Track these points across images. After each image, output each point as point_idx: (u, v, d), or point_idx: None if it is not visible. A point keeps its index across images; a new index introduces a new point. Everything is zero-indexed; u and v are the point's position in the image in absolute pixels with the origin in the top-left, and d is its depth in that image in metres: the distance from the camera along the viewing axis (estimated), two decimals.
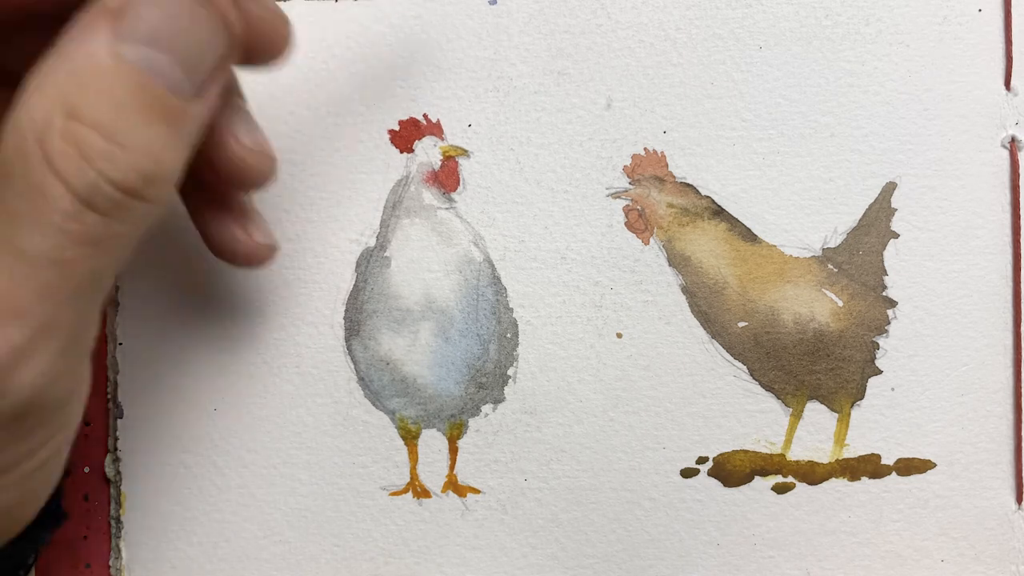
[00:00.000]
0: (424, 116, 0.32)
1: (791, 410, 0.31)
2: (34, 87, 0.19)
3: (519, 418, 0.31)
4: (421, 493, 0.32)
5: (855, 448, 0.31)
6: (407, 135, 0.32)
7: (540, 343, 0.31)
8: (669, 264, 0.31)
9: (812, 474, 0.31)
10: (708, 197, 0.31)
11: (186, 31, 0.20)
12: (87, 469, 0.32)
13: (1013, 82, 0.31)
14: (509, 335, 0.31)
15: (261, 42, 0.24)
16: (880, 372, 0.31)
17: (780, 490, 0.31)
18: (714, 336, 0.31)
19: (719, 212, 0.31)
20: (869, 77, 0.31)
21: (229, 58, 0.22)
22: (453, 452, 0.32)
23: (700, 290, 0.31)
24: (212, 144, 0.24)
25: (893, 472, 0.31)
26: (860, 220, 0.31)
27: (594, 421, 0.31)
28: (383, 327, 0.31)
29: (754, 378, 0.31)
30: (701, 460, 0.31)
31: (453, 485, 0.32)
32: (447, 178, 0.32)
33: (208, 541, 0.32)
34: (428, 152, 0.32)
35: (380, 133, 0.32)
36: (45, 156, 0.19)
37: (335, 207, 0.32)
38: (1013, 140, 0.31)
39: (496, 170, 0.32)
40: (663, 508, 0.31)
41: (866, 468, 0.31)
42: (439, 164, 0.32)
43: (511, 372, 0.31)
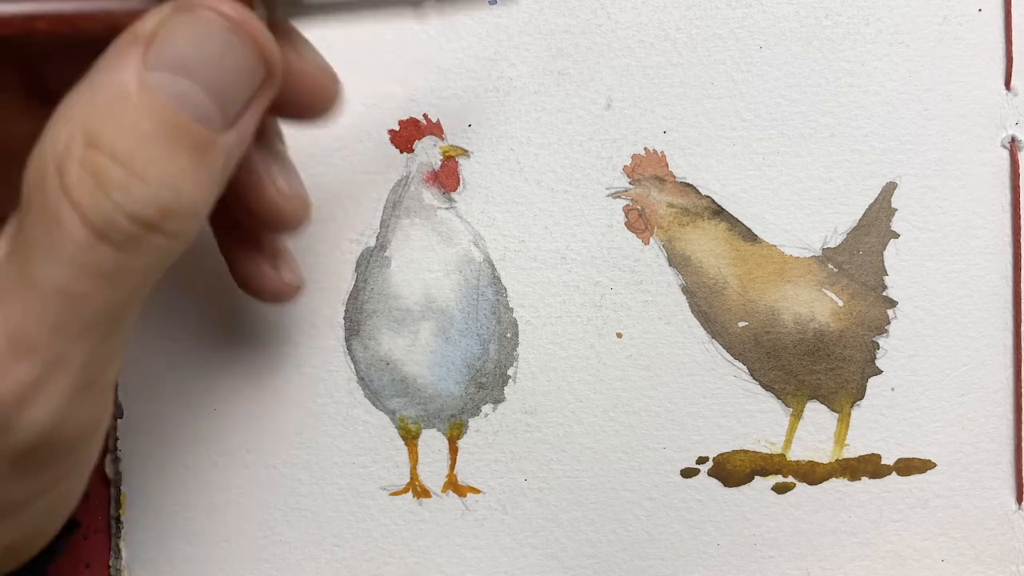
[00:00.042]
0: (424, 116, 0.32)
1: (791, 410, 0.31)
2: (60, 113, 0.19)
3: (519, 418, 0.31)
4: (421, 493, 0.32)
5: (855, 448, 0.31)
6: (407, 135, 0.32)
7: (540, 343, 0.31)
8: (669, 264, 0.31)
9: (812, 474, 0.31)
10: (708, 197, 0.31)
11: (218, 59, 0.19)
12: None
13: (1013, 82, 0.31)
14: (509, 335, 0.31)
15: (307, 98, 0.23)
16: (880, 372, 0.31)
17: (780, 490, 0.31)
18: (714, 336, 0.31)
19: (719, 212, 0.31)
20: (869, 77, 0.31)
21: (266, 91, 0.21)
22: (453, 452, 0.32)
23: (700, 290, 0.31)
24: (249, 187, 0.24)
25: (893, 472, 0.31)
26: (860, 220, 0.31)
27: (594, 421, 0.31)
28: (383, 327, 0.31)
29: (754, 378, 0.31)
30: (701, 460, 0.31)
31: (453, 485, 0.32)
32: (447, 178, 0.32)
33: (208, 541, 0.32)
34: (428, 152, 0.32)
35: (380, 133, 0.32)
36: (62, 184, 0.18)
37: (335, 207, 0.32)
38: (1013, 140, 0.31)
39: (496, 170, 0.32)
40: (663, 508, 0.31)
41: (866, 468, 0.31)
42: (439, 164, 0.32)
43: (511, 372, 0.31)
